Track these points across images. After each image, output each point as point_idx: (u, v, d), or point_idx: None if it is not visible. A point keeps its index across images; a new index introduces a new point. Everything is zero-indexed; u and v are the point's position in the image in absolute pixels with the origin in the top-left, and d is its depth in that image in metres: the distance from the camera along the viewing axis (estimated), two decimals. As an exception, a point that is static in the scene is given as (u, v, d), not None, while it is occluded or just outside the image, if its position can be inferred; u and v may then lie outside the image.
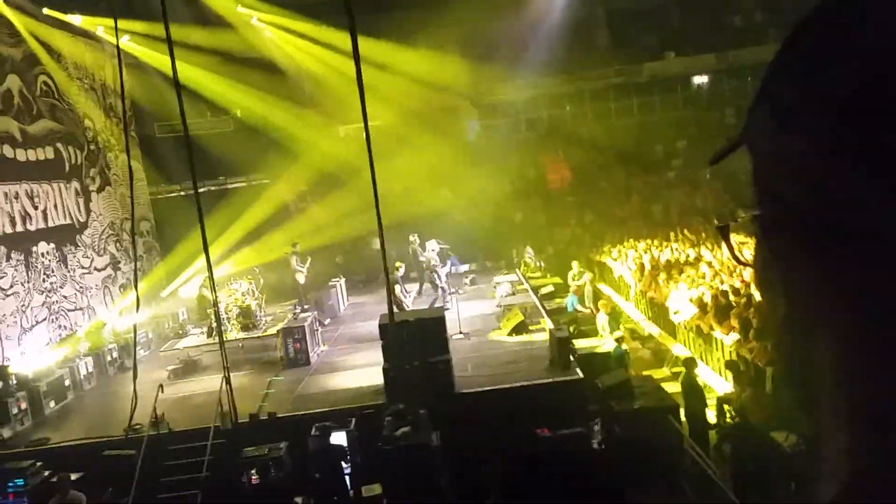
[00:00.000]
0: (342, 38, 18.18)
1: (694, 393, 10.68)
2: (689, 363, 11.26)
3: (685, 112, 27.45)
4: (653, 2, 26.52)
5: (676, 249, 18.74)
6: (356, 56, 10.55)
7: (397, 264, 17.13)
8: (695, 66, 27.73)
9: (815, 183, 0.55)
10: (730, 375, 11.63)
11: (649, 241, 20.22)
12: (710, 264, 16.06)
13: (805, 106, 0.56)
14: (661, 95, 27.87)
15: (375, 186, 10.87)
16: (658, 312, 16.21)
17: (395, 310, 12.45)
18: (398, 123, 22.84)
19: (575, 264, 19.03)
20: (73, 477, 9.63)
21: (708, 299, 13.43)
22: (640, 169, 26.34)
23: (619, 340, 13.14)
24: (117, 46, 12.78)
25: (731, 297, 13.11)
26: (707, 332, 13.42)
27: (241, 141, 22.66)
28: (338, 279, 20.08)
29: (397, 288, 16.46)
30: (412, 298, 17.97)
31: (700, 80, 28.44)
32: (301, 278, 18.80)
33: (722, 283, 14.35)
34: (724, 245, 0.76)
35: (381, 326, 11.63)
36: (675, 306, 14.61)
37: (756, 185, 0.63)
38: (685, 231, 20.57)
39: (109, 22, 18.14)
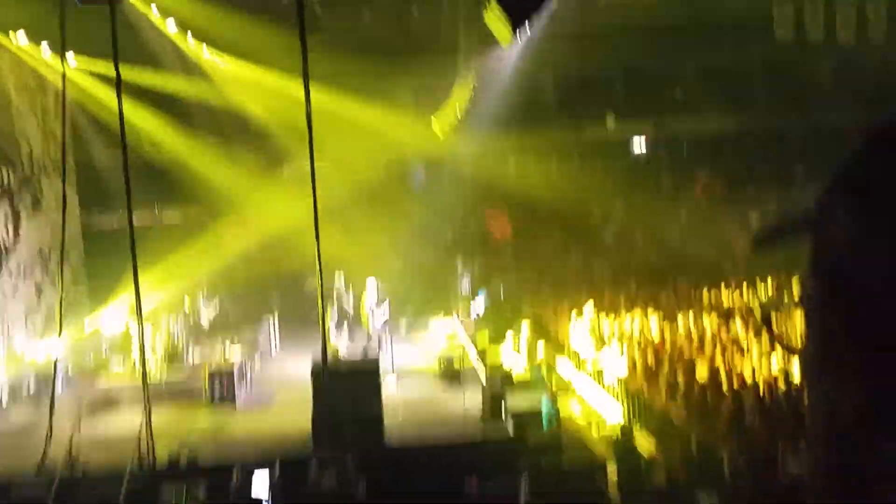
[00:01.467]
0: (291, 84, 18.35)
1: (628, 460, 10.71)
2: (626, 433, 11.32)
3: (627, 172, 28.26)
4: (598, 70, 27.43)
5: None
6: (306, 92, 10.61)
7: (332, 305, 16.99)
8: (634, 131, 28.74)
9: (884, 262, 0.58)
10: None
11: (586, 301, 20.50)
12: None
13: (886, 195, 0.59)
14: (601, 159, 28.66)
15: (317, 226, 10.85)
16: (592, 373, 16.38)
17: (330, 356, 12.30)
18: (341, 166, 22.90)
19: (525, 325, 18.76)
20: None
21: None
22: (580, 226, 26.87)
23: (551, 398, 13.19)
24: (63, 73, 12.54)
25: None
26: (634, 393, 13.62)
27: (174, 178, 22.32)
28: (270, 317, 19.76)
29: (332, 332, 16.29)
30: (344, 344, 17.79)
31: (639, 144, 29.41)
32: (205, 322, 18.71)
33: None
34: (768, 334, 0.80)
35: (312, 373, 11.46)
36: (607, 364, 14.77)
37: (815, 267, 0.66)
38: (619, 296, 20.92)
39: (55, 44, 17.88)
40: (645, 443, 12.22)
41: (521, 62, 23.32)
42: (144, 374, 11.61)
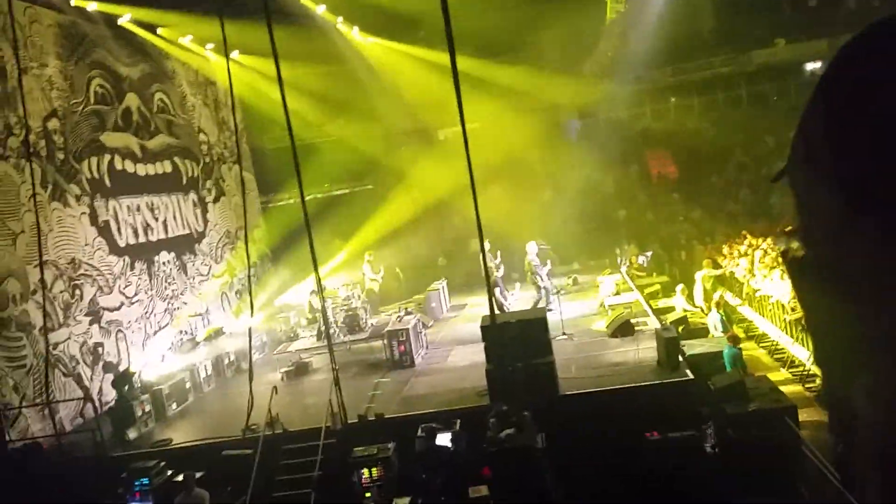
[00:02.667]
0: (437, 56, 18.51)
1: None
2: (734, 338, 11.40)
3: (797, 101, 26.10)
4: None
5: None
6: (452, 58, 10.62)
7: (496, 263, 17.14)
8: (806, 53, 26.34)
9: (835, 237, 0.55)
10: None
11: (761, 239, 19.37)
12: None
13: (830, 154, 0.57)
14: (772, 84, 26.64)
15: (474, 187, 10.90)
16: (772, 311, 15.52)
17: (497, 311, 12.45)
18: (496, 125, 22.86)
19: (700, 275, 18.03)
20: (197, 475, 10.15)
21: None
22: (751, 161, 25.30)
23: (731, 340, 12.64)
24: (227, 64, 13.38)
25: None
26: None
27: (344, 152, 23.23)
28: (440, 281, 20.30)
29: (497, 290, 16.47)
30: (513, 299, 17.95)
31: (813, 66, 26.99)
32: (375, 286, 19.34)
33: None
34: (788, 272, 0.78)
35: (482, 328, 11.65)
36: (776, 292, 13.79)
37: (796, 223, 0.64)
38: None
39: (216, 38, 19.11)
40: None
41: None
42: (329, 340, 12.35)
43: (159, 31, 17.96)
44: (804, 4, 25.77)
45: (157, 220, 17.05)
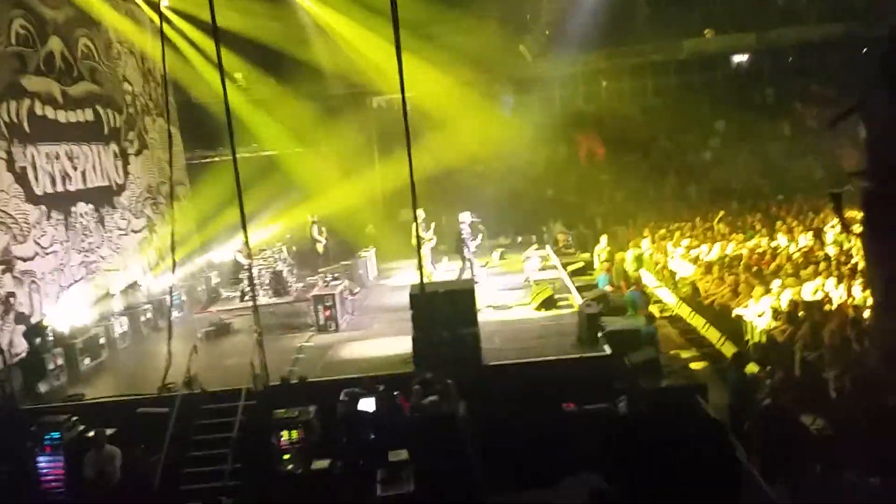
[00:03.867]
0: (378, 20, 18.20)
1: (743, 390, 10.37)
2: (740, 358, 11.00)
3: (724, 92, 26.99)
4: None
5: (724, 238, 18.36)
6: (395, 18, 10.53)
7: (427, 237, 17.22)
8: (735, 45, 27.20)
9: None
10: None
11: (686, 226, 20.06)
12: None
13: None
14: (700, 74, 27.42)
15: (410, 157, 10.91)
16: (686, 292, 16.14)
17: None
18: (432, 94, 22.78)
19: (604, 239, 18.95)
20: (108, 432, 9.92)
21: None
22: (676, 148, 26.05)
23: (648, 318, 13.09)
24: (160, 13, 12.90)
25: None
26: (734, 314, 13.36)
27: (277, 112, 22.75)
28: (369, 249, 20.26)
29: (426, 260, 16.56)
30: (441, 270, 18.10)
31: (740, 59, 27.91)
32: (320, 248, 19.26)
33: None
34: (835, 213, 0.81)
35: (411, 296, 11.73)
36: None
37: (868, 155, 0.67)
38: (720, 219, 20.29)
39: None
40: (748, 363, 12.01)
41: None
42: (255, 301, 12.19)
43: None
44: (735, -1, 26.53)
45: (75, 169, 16.35)
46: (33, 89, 15.02)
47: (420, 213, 17.68)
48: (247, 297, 15.00)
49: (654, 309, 15.23)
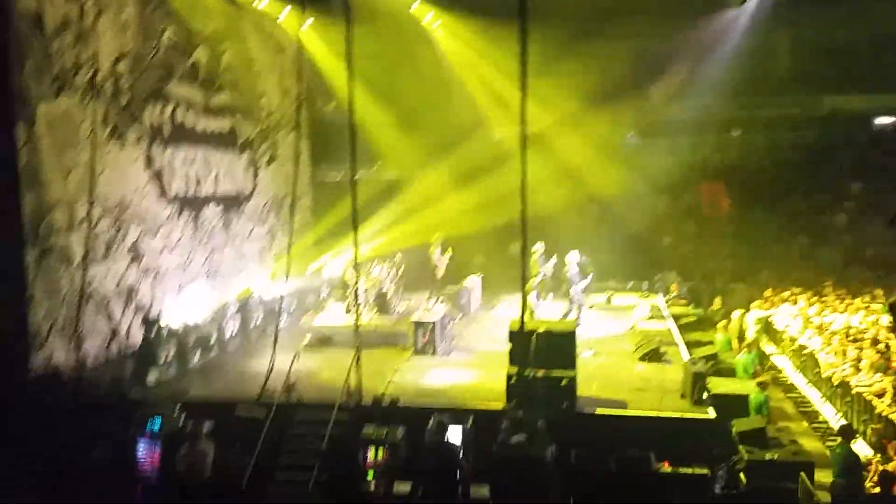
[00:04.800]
0: (505, 41, 18.29)
1: (851, 467, 9.51)
2: (847, 433, 9.99)
3: (865, 153, 25.45)
4: (842, 36, 24.73)
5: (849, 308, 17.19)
6: (523, 58, 10.56)
7: (535, 271, 17.04)
8: (879, 106, 25.66)
9: None
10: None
11: (811, 292, 18.87)
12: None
13: None
14: (840, 133, 25.99)
15: (525, 196, 10.79)
16: (804, 363, 15.17)
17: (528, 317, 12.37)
18: (555, 131, 22.68)
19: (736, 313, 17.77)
20: (206, 429, 10.25)
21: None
22: (808, 208, 24.71)
23: (761, 385, 12.37)
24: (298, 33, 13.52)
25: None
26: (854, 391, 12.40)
27: (396, 134, 23.28)
28: (475, 276, 20.24)
29: (532, 295, 16.37)
30: (544, 307, 17.84)
31: (884, 120, 26.29)
32: (439, 271, 19.09)
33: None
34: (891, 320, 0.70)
35: (511, 332, 11.60)
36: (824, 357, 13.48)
37: None
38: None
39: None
40: (862, 447, 11.12)
41: (753, 25, 21.47)
42: (358, 317, 12.41)
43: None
44: (883, 56, 25.02)
45: (209, 174, 17.29)
46: (177, 95, 16.00)
47: (539, 245, 17.62)
48: (351, 313, 15.29)
49: (767, 376, 14.38)
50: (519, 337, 11.37)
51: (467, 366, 14.09)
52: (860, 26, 23.89)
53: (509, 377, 11.31)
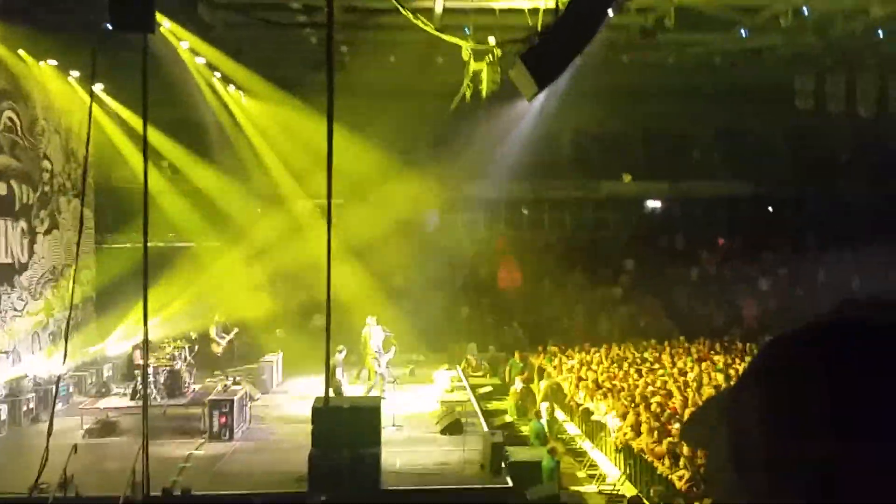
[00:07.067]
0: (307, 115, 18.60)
1: None
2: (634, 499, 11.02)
3: (636, 231, 28.38)
4: (616, 129, 27.73)
5: (613, 364, 18.89)
6: (330, 128, 10.76)
7: (339, 347, 16.92)
8: (649, 191, 28.98)
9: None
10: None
11: (588, 355, 20.42)
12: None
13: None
14: (616, 214, 28.88)
15: (329, 264, 10.88)
16: (592, 427, 16.20)
17: (332, 394, 12.22)
18: (358, 204, 23.05)
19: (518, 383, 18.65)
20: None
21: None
22: (588, 282, 26.84)
23: (551, 452, 13.01)
24: (91, 93, 12.80)
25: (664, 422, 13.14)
26: (637, 452, 13.42)
27: (191, 205, 22.56)
28: (276, 354, 19.68)
29: (338, 371, 16.20)
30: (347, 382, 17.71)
31: (654, 204, 29.61)
32: (217, 349, 18.57)
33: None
34: None
35: (314, 409, 11.37)
36: (609, 421, 14.56)
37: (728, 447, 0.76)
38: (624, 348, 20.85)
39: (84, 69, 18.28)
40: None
41: (541, 117, 23.48)
42: (145, 402, 11.55)
43: (21, 51, 16.96)
44: (654, 149, 28.34)
45: (-24, 242, 15.61)
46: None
47: (371, 319, 17.51)
48: (138, 396, 14.25)
49: (558, 442, 15.17)
50: (322, 414, 11.17)
51: (268, 448, 13.57)
52: (632, 121, 26.89)
53: (311, 458, 11.01)
